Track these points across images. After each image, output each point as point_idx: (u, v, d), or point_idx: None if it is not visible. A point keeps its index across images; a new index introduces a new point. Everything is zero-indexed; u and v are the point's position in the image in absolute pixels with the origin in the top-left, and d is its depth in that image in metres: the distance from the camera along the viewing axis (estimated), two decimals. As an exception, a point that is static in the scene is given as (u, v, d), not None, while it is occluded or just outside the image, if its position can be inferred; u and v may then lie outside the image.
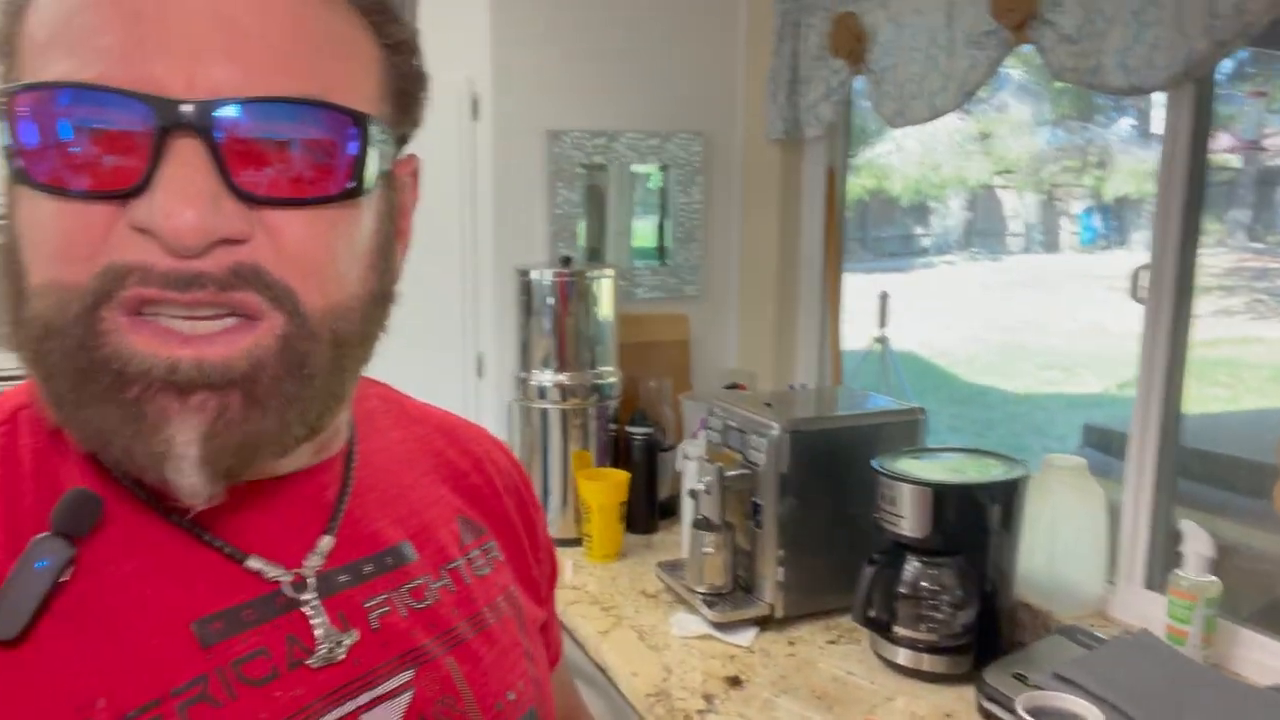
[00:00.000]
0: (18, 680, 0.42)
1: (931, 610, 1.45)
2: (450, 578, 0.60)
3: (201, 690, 0.46)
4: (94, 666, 0.44)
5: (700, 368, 2.44)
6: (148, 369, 0.42)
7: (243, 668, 0.48)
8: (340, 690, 0.51)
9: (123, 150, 0.41)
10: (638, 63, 2.27)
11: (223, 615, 0.48)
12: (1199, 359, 1.37)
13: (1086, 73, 1.42)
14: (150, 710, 0.44)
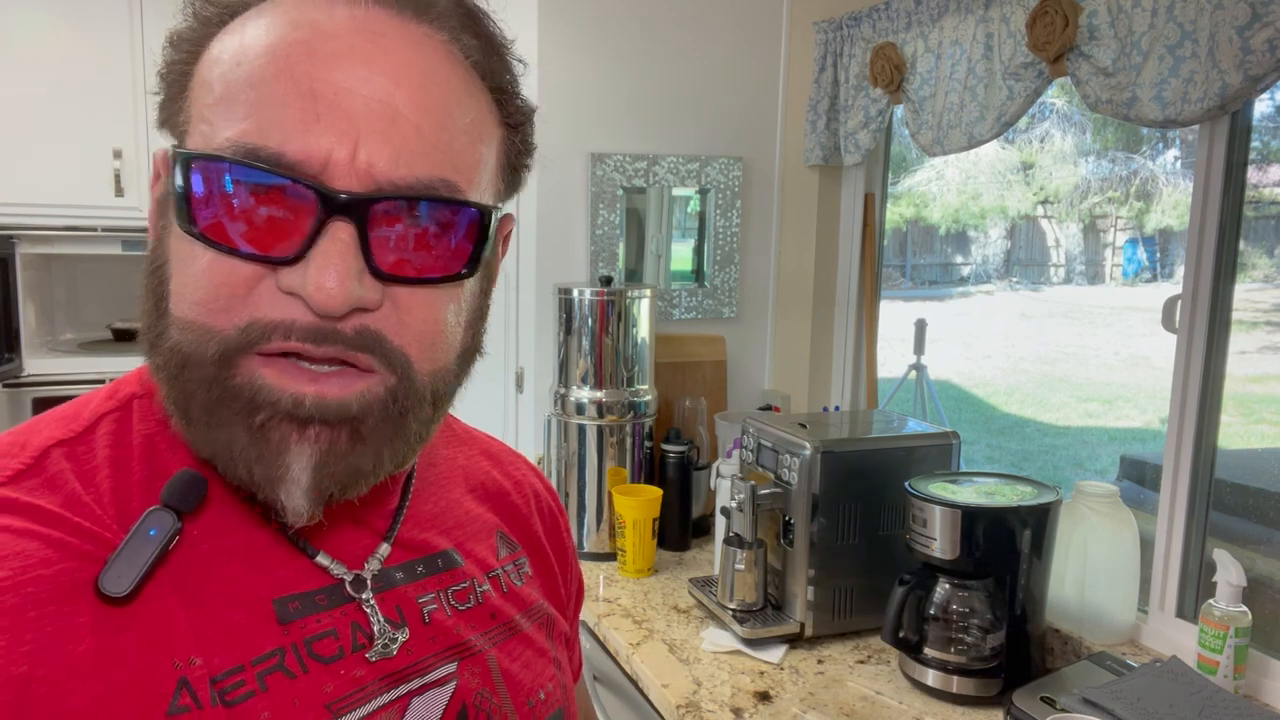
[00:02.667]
0: (126, 632, 0.47)
1: (961, 632, 1.46)
2: (490, 584, 0.66)
3: (279, 661, 0.51)
4: (189, 628, 0.49)
5: (735, 388, 2.47)
6: (276, 400, 0.48)
7: (314, 645, 0.53)
8: (395, 675, 0.56)
9: (286, 226, 0.47)
10: (680, 88, 2.32)
11: (299, 597, 0.54)
12: (1244, 395, 1.37)
13: (1122, 105, 1.45)
14: (235, 675, 0.49)
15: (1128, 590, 1.58)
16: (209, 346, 0.48)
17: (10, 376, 2.32)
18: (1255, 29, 1.24)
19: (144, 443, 0.53)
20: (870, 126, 2.09)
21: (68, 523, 0.48)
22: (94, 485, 0.50)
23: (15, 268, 2.32)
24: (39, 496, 0.48)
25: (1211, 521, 1.56)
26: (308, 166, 0.47)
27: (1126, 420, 7.41)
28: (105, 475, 0.51)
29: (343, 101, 0.47)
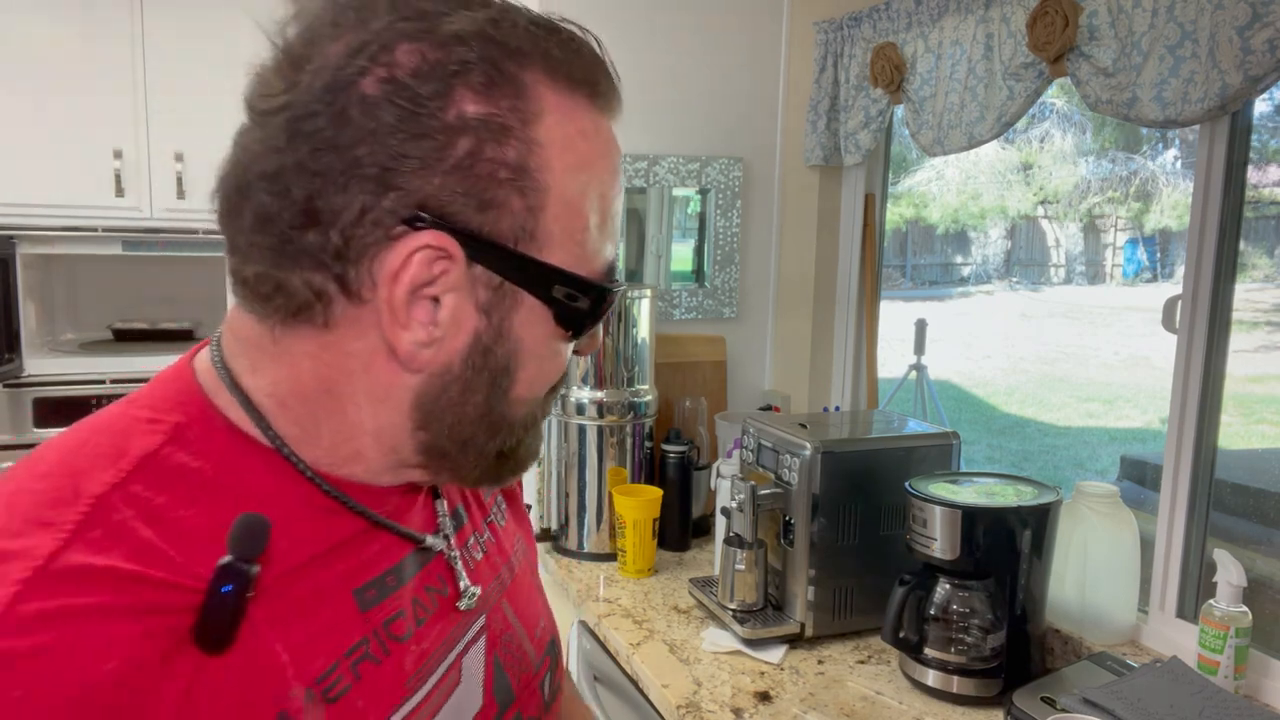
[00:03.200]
0: (227, 678, 0.47)
1: (962, 633, 1.46)
2: (489, 530, 0.70)
3: (365, 650, 0.54)
4: (284, 646, 0.50)
5: (736, 388, 2.47)
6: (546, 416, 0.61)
7: (390, 627, 0.56)
8: (449, 639, 0.60)
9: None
10: (680, 89, 2.32)
11: (374, 584, 0.56)
12: (1245, 395, 1.36)
13: (1122, 105, 1.45)
14: (332, 673, 0.52)
15: (1128, 590, 1.58)
16: (535, 407, 0.58)
17: (10, 377, 2.32)
18: (1255, 29, 1.24)
19: (216, 462, 0.52)
20: (870, 126, 2.09)
21: (148, 581, 0.46)
22: (163, 527, 0.48)
23: (15, 268, 2.32)
24: (109, 554, 0.45)
25: (1212, 522, 1.56)
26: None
27: (1127, 420, 7.41)
28: (171, 516, 0.49)
29: None
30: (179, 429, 0.52)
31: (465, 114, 0.49)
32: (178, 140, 2.39)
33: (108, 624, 0.43)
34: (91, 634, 0.43)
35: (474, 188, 0.50)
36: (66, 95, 2.31)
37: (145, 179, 2.39)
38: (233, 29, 2.43)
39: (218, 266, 2.48)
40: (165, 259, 2.46)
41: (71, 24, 2.30)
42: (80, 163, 2.34)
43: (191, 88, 2.39)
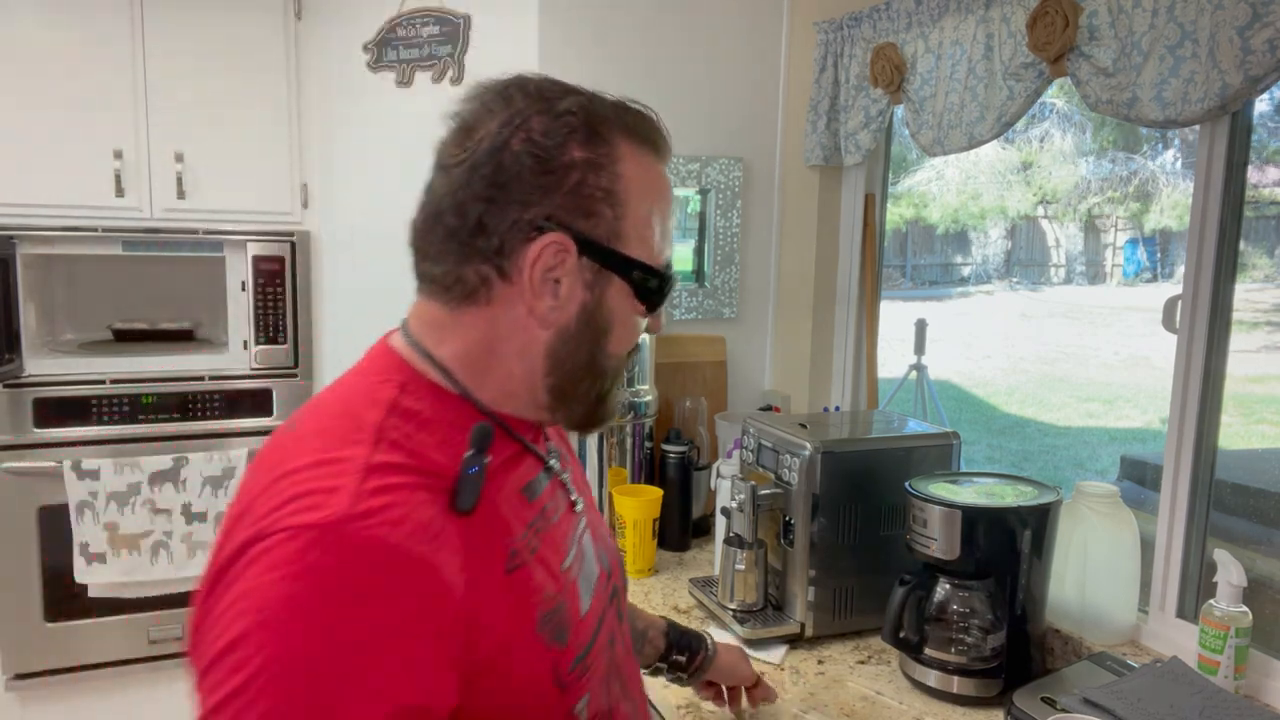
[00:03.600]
0: (475, 535, 0.71)
1: (962, 633, 1.46)
2: (568, 452, 0.98)
3: (537, 524, 0.80)
4: (505, 518, 0.76)
5: (736, 389, 2.47)
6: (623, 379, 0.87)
7: (546, 511, 0.83)
8: (573, 527, 0.87)
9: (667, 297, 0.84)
10: (680, 89, 2.32)
11: (531, 485, 0.83)
12: (1245, 395, 1.36)
13: (1122, 105, 1.45)
14: (526, 535, 0.77)
15: (1128, 590, 1.58)
16: (624, 363, 0.85)
17: (11, 377, 2.31)
18: (1255, 29, 1.24)
19: (432, 407, 0.77)
20: (870, 127, 2.09)
21: (424, 469, 0.71)
22: (417, 438, 0.73)
23: (15, 268, 2.32)
24: (395, 455, 0.71)
25: (1212, 522, 1.56)
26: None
27: (1127, 420, 7.41)
28: (421, 431, 0.74)
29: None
30: (402, 385, 0.77)
31: (574, 158, 0.76)
32: (178, 140, 2.39)
33: (411, 493, 0.68)
34: (406, 498, 0.68)
35: (580, 204, 0.76)
36: (66, 95, 2.31)
37: (145, 179, 2.38)
38: (233, 29, 2.43)
39: (218, 266, 2.48)
40: (165, 259, 2.46)
41: (71, 24, 2.30)
42: (80, 163, 2.33)
43: (191, 88, 2.39)
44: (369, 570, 0.63)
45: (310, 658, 0.60)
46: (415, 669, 0.63)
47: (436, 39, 2.31)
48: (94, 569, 2.37)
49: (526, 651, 0.73)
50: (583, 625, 0.81)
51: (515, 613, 0.73)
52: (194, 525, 2.44)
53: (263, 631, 0.60)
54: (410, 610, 0.64)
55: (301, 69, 2.50)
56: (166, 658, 2.53)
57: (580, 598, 0.82)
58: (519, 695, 0.73)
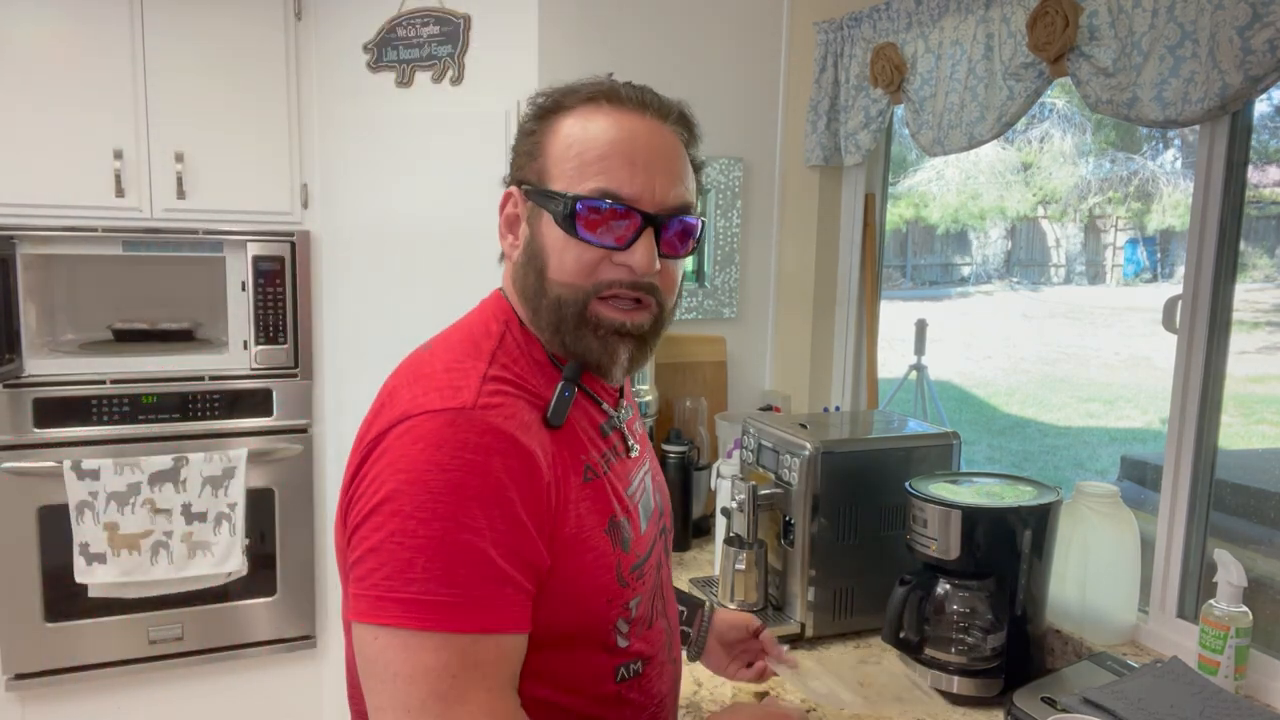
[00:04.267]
0: (562, 446, 0.90)
1: (962, 633, 1.46)
2: (641, 420, 1.12)
3: (609, 454, 0.98)
4: (580, 441, 0.94)
5: (736, 389, 2.47)
6: (615, 325, 0.92)
7: (616, 449, 1.00)
8: (639, 466, 1.04)
9: (622, 231, 0.90)
10: (681, 89, 2.31)
11: (603, 425, 1.00)
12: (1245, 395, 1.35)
13: (1123, 105, 1.45)
14: (600, 460, 0.95)
15: (1128, 591, 1.58)
16: (577, 295, 0.91)
17: (11, 377, 2.31)
18: (1256, 29, 1.24)
19: (524, 347, 0.95)
20: (870, 127, 2.09)
21: (524, 388, 0.90)
22: (520, 367, 0.92)
23: (16, 268, 2.32)
24: (506, 371, 0.90)
25: (1212, 522, 1.56)
26: (634, 200, 0.91)
27: (1127, 420, 7.40)
28: (521, 363, 0.93)
29: (645, 164, 0.92)
30: (506, 323, 0.96)
31: (525, 129, 0.97)
32: (178, 140, 2.39)
33: (516, 400, 0.88)
34: (513, 402, 0.87)
35: (523, 160, 0.96)
36: (66, 95, 2.31)
37: (145, 179, 2.38)
38: (233, 29, 2.43)
39: (218, 266, 2.48)
40: (165, 259, 2.46)
41: (71, 24, 2.30)
42: (80, 163, 2.33)
43: (191, 88, 2.39)
44: (490, 444, 0.82)
45: (445, 503, 0.79)
46: (517, 523, 0.82)
47: (436, 39, 2.31)
48: (94, 569, 2.37)
49: (597, 546, 0.90)
50: (641, 540, 0.97)
51: (590, 514, 0.90)
52: (194, 525, 2.44)
53: (412, 486, 0.80)
54: (515, 478, 0.82)
55: (301, 69, 2.50)
56: (166, 658, 2.53)
57: (640, 520, 0.98)
58: (590, 579, 0.89)
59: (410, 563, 0.78)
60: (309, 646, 2.68)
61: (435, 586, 0.78)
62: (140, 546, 2.40)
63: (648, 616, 0.99)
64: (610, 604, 0.91)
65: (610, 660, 0.94)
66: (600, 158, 0.90)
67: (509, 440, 0.83)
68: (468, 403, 0.84)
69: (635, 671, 0.96)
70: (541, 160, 0.93)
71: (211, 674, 2.60)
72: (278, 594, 2.61)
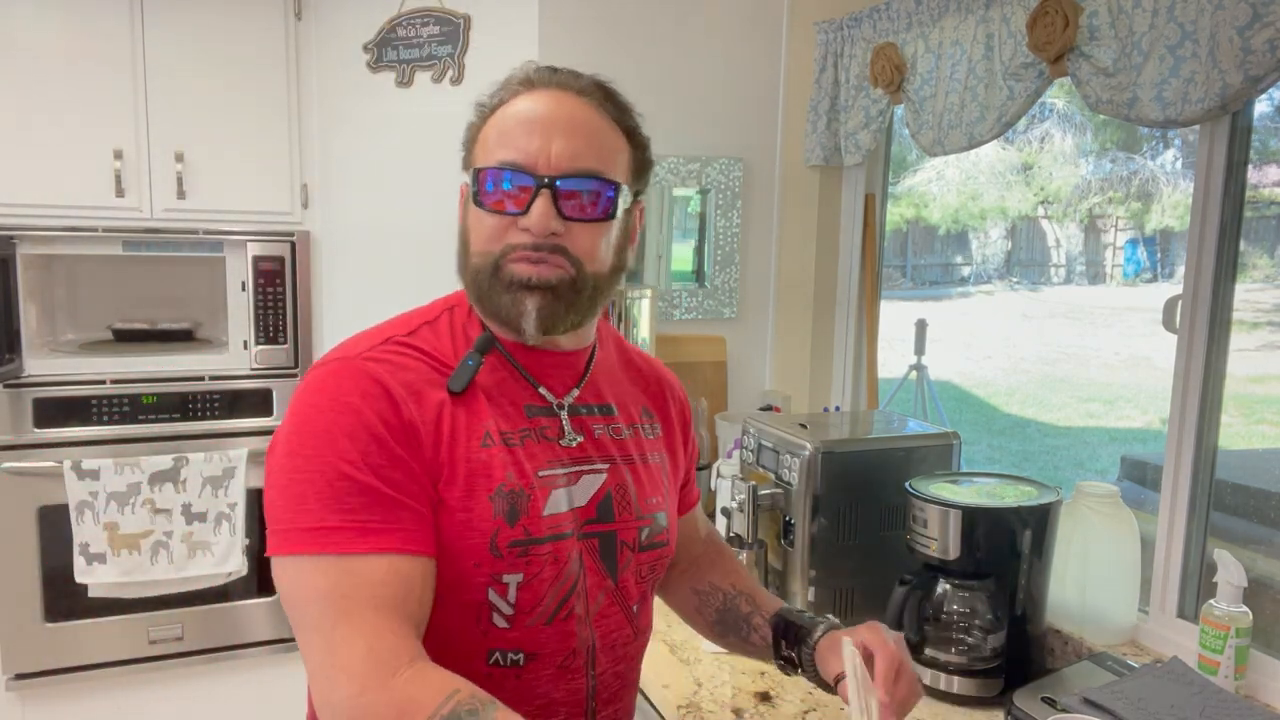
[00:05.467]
0: (459, 410, 0.94)
1: (962, 633, 1.46)
2: (633, 431, 1.09)
3: (528, 433, 0.98)
4: (487, 411, 0.96)
5: (736, 389, 2.47)
6: (520, 278, 0.94)
7: (544, 431, 1.00)
8: (576, 458, 1.01)
9: (520, 196, 0.93)
10: (680, 89, 2.32)
11: (535, 406, 1.00)
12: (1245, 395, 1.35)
13: (1123, 105, 1.45)
14: (511, 435, 0.96)
15: (1128, 591, 1.58)
16: (490, 258, 0.95)
17: (11, 377, 2.31)
18: (1256, 29, 1.24)
19: (460, 326, 1.01)
20: (871, 127, 2.09)
21: (433, 357, 0.96)
22: (441, 342, 0.98)
23: (16, 268, 2.32)
24: (420, 343, 0.96)
25: (1212, 522, 1.56)
26: (528, 166, 0.93)
27: (1127, 420, 7.40)
28: (446, 339, 0.99)
29: (542, 131, 0.94)
30: (451, 308, 1.02)
31: (473, 126, 1.01)
32: (178, 140, 2.39)
33: (416, 361, 0.94)
34: (408, 360, 0.94)
35: (464, 155, 1.01)
36: (66, 95, 2.31)
37: (145, 179, 2.38)
38: (233, 29, 2.43)
39: (218, 266, 2.48)
40: (165, 259, 2.46)
41: (71, 25, 2.30)
42: (80, 163, 2.33)
43: (191, 88, 2.39)
44: (364, 388, 0.89)
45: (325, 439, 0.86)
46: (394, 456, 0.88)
47: (436, 39, 2.31)
48: (94, 569, 2.37)
49: (474, 508, 0.92)
50: (538, 521, 0.95)
51: (475, 475, 0.92)
52: (194, 525, 2.44)
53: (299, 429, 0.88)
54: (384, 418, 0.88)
55: (301, 69, 2.50)
56: (166, 658, 2.53)
57: (546, 503, 0.97)
58: (460, 538, 0.91)
59: (303, 496, 0.85)
60: (309, 646, 2.67)
61: (327, 514, 0.84)
62: (140, 546, 2.40)
63: (547, 611, 0.96)
64: (478, 569, 0.92)
65: (483, 639, 0.94)
66: (504, 133, 0.95)
67: (378, 385, 0.89)
68: (352, 354, 0.93)
69: (514, 662, 0.95)
70: (473, 150, 1.00)
71: (211, 674, 2.60)
72: (278, 594, 2.61)
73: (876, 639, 1.04)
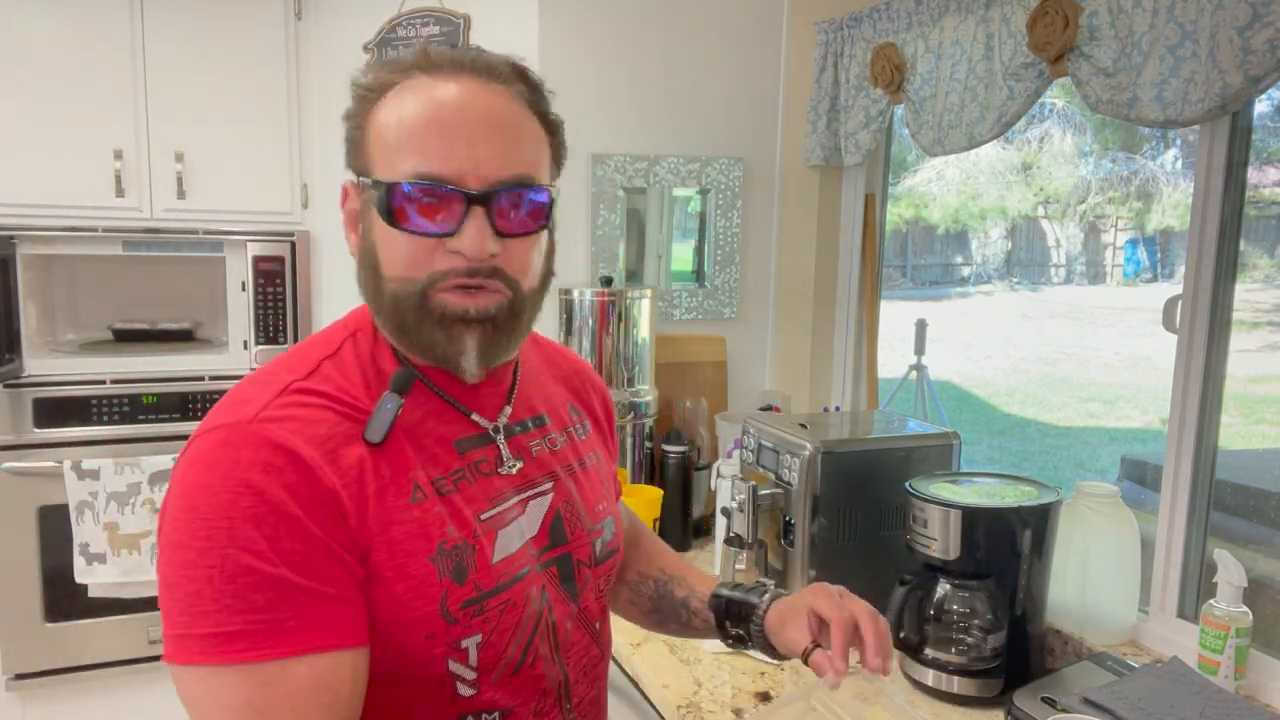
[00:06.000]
0: (382, 463, 0.81)
1: (962, 633, 1.46)
2: (567, 436, 1.01)
3: (462, 474, 0.87)
4: (414, 458, 0.83)
5: (736, 389, 2.47)
6: (456, 312, 0.82)
7: (479, 465, 0.89)
8: (519, 486, 0.92)
9: (447, 214, 0.80)
10: (681, 89, 2.32)
11: (467, 439, 0.89)
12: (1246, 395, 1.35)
13: (1123, 105, 1.45)
14: (442, 480, 0.85)
15: (1128, 591, 1.58)
16: (413, 287, 0.82)
17: (11, 377, 2.31)
18: (1256, 29, 1.24)
19: (368, 356, 0.88)
20: (871, 127, 2.09)
21: (342, 401, 0.82)
22: (349, 379, 0.84)
23: (16, 268, 2.32)
24: (325, 385, 0.82)
25: (1212, 522, 1.56)
26: (455, 179, 0.80)
27: (1127, 421, 7.40)
28: (354, 374, 0.85)
29: (465, 136, 0.80)
30: (354, 334, 0.89)
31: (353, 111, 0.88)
32: (178, 140, 2.39)
33: (321, 410, 0.80)
34: (314, 413, 0.79)
35: (351, 149, 0.88)
36: (66, 95, 2.31)
37: (145, 179, 2.39)
38: (233, 29, 2.43)
39: (218, 266, 2.48)
40: (165, 259, 2.46)
41: (71, 24, 2.30)
42: (80, 163, 2.33)
43: (191, 88, 2.39)
44: (265, 459, 0.75)
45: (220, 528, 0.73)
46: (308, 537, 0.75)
47: (436, 39, 2.31)
48: (94, 569, 2.37)
49: (415, 574, 0.80)
50: (488, 572, 0.85)
51: (410, 537, 0.81)
52: (194, 525, 2.44)
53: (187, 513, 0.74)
54: (294, 493, 0.75)
55: (301, 69, 2.50)
56: (166, 658, 2.53)
57: (494, 548, 0.86)
58: (404, 611, 0.80)
59: (198, 595, 0.71)
60: (309, 646, 2.68)
61: (228, 617, 0.71)
62: (140, 546, 2.40)
63: (514, 661, 0.87)
64: (431, 640, 0.81)
65: (451, 707, 0.84)
66: (412, 135, 0.80)
67: (285, 453, 0.75)
68: (245, 417, 0.77)
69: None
70: (363, 148, 0.85)
71: (211, 674, 2.60)
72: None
73: (827, 605, 1.01)
